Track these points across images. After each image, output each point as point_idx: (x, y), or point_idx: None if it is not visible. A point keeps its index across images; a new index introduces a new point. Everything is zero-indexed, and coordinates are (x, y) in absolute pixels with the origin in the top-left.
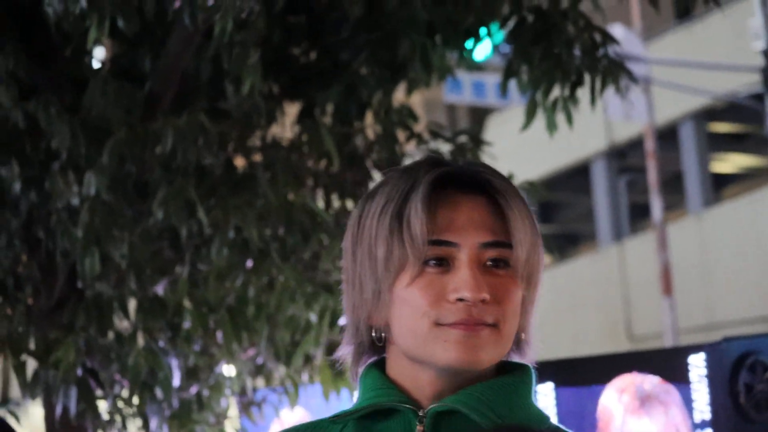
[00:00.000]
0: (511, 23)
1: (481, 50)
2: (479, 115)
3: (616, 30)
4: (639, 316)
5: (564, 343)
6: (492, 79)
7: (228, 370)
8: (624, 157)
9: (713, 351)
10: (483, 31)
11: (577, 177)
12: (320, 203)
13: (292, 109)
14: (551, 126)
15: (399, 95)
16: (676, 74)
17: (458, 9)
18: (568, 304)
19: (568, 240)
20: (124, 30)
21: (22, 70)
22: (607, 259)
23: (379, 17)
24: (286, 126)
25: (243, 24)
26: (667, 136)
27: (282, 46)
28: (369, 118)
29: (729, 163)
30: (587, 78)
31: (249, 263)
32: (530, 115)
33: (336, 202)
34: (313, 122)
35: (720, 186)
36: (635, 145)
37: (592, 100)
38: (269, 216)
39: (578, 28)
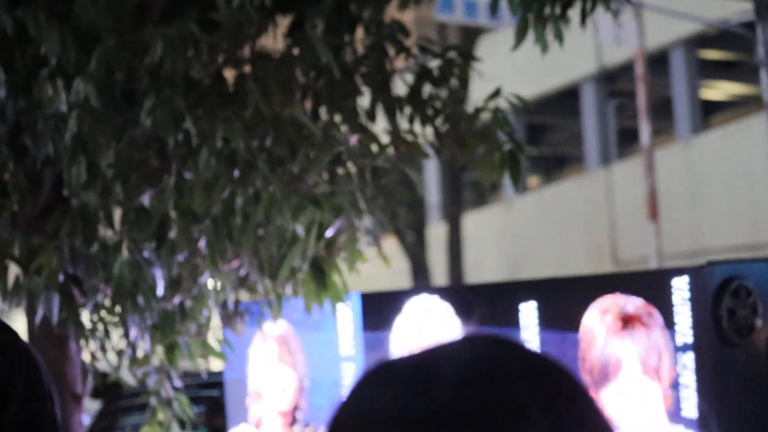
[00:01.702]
0: None
1: None
2: (471, 35)
3: None
4: (624, 240)
5: (549, 264)
6: None
7: (211, 282)
8: (613, 81)
9: (697, 274)
10: None
11: (566, 100)
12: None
13: (283, 22)
14: (541, 41)
15: (391, 12)
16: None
17: None
18: (555, 226)
19: (556, 162)
20: None
21: None
22: (594, 182)
23: None
24: (276, 38)
25: None
26: (658, 61)
27: None
28: (359, 33)
29: (719, 90)
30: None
31: (236, 174)
32: (520, 34)
33: (324, 115)
34: (303, 35)
35: (709, 113)
36: (625, 69)
37: (583, 20)
38: (257, 127)
39: None
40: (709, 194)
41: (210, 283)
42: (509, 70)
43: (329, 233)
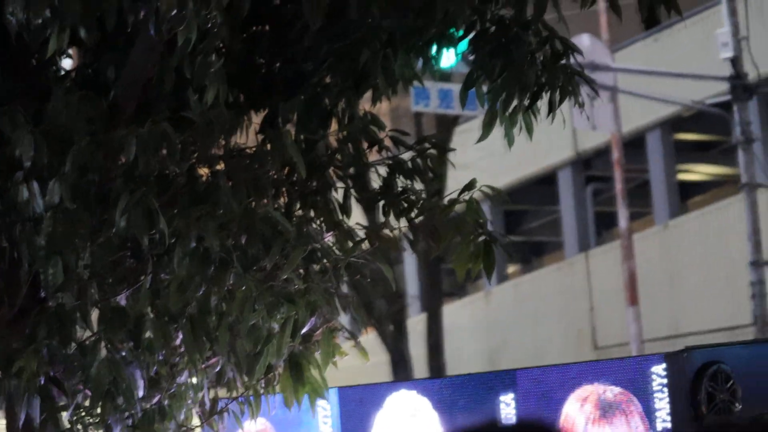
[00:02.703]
0: (473, 33)
1: (446, 59)
2: (447, 124)
3: (584, 40)
4: (604, 326)
5: (530, 353)
6: (459, 88)
7: (190, 380)
8: (590, 166)
9: (675, 361)
10: (446, 40)
11: (543, 186)
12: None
13: (256, 119)
14: (509, 138)
15: (367, 104)
16: (644, 83)
17: (421, 18)
18: (534, 314)
19: (535, 250)
20: (84, 40)
21: None
22: (573, 268)
23: (342, 27)
24: (249, 135)
25: (206, 34)
26: (634, 145)
27: (245, 56)
28: (333, 127)
29: (696, 172)
30: (547, 90)
31: (210, 272)
32: (488, 126)
33: (298, 212)
34: (276, 131)
35: (686, 195)
36: (602, 154)
37: (549, 112)
38: (231, 225)
39: (541, 38)
40: (689, 277)
41: (188, 380)
42: (486, 158)
43: (305, 329)
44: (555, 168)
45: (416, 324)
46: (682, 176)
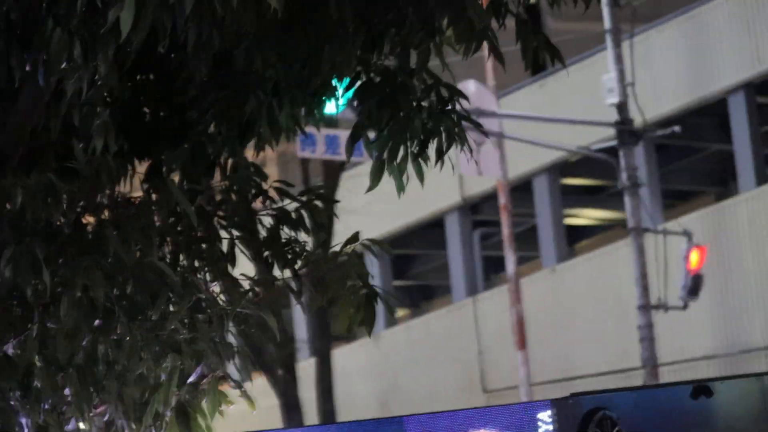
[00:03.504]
0: (358, 83)
1: (331, 106)
2: (335, 169)
3: (470, 86)
4: (494, 370)
5: (420, 396)
6: (345, 134)
7: (79, 428)
8: (478, 211)
9: (561, 407)
10: (331, 90)
11: (431, 231)
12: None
13: (140, 168)
14: (399, 187)
15: (253, 152)
16: (531, 129)
17: (306, 68)
18: (424, 358)
19: (423, 294)
20: None
21: None
22: (461, 312)
23: (227, 76)
24: (134, 184)
25: (92, 83)
26: (522, 189)
27: (131, 105)
28: (216, 176)
29: (583, 216)
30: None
31: (97, 322)
32: (376, 176)
33: (184, 261)
34: (161, 180)
35: (574, 239)
36: (489, 198)
37: (437, 160)
38: (118, 275)
39: (426, 86)
40: (577, 320)
41: (77, 428)
42: (375, 202)
43: (191, 378)
44: (443, 213)
45: (307, 368)
46: (570, 220)
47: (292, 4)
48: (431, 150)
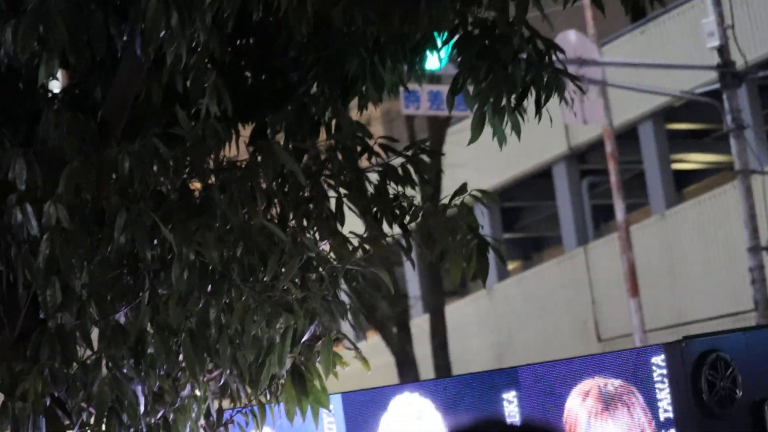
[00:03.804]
0: (457, 36)
1: (432, 62)
2: (440, 125)
3: (570, 36)
4: (607, 318)
5: (535, 347)
6: (448, 90)
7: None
8: (585, 160)
9: (674, 351)
10: (431, 44)
11: (539, 182)
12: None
13: (244, 132)
14: (500, 137)
15: (357, 111)
16: (633, 76)
17: (405, 24)
18: (538, 309)
19: (534, 245)
20: (74, 65)
21: None
22: (573, 262)
23: (327, 36)
24: (240, 148)
25: (194, 49)
26: (627, 137)
27: (232, 69)
28: (321, 136)
29: (690, 161)
30: (533, 89)
31: (209, 286)
32: (477, 128)
33: (292, 222)
34: (266, 143)
35: (682, 185)
36: (595, 147)
37: (537, 111)
38: (227, 238)
39: (524, 38)
40: (689, 266)
41: (192, 394)
42: (481, 156)
43: (305, 338)
44: (550, 163)
45: (420, 324)
46: (677, 166)
47: None
48: (530, 103)
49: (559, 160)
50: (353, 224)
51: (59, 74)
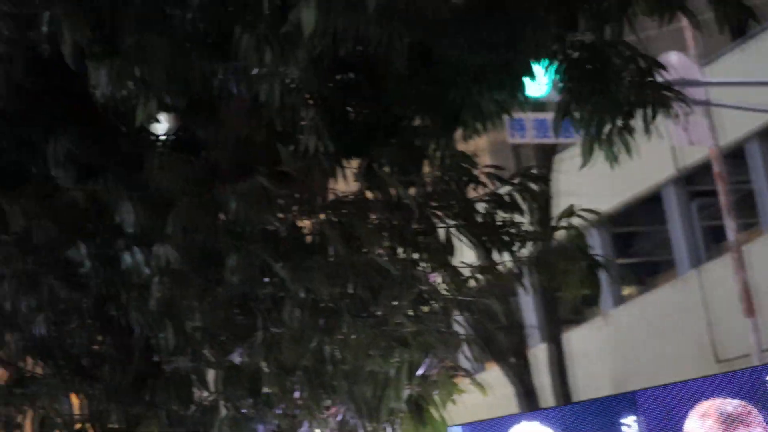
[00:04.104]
0: (557, 62)
1: (537, 88)
2: (547, 153)
3: (672, 58)
4: (725, 339)
5: (654, 372)
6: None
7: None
8: (693, 182)
9: None
10: (532, 71)
11: (649, 206)
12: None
13: (351, 167)
14: (610, 158)
15: (465, 143)
16: (737, 94)
17: (505, 52)
18: (655, 333)
19: (648, 270)
20: (172, 106)
21: (80, 151)
22: (687, 284)
23: (428, 67)
24: (346, 183)
25: (293, 87)
26: (735, 156)
27: (336, 105)
28: (427, 167)
29: None
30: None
31: (321, 322)
32: (587, 152)
33: (403, 255)
34: (374, 176)
35: None
36: (703, 168)
37: (646, 129)
38: (339, 274)
39: (625, 58)
40: None
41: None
42: (591, 182)
43: (421, 371)
44: (659, 187)
45: (539, 354)
46: None
47: None
48: (637, 122)
49: (668, 183)
50: (464, 254)
51: (160, 120)
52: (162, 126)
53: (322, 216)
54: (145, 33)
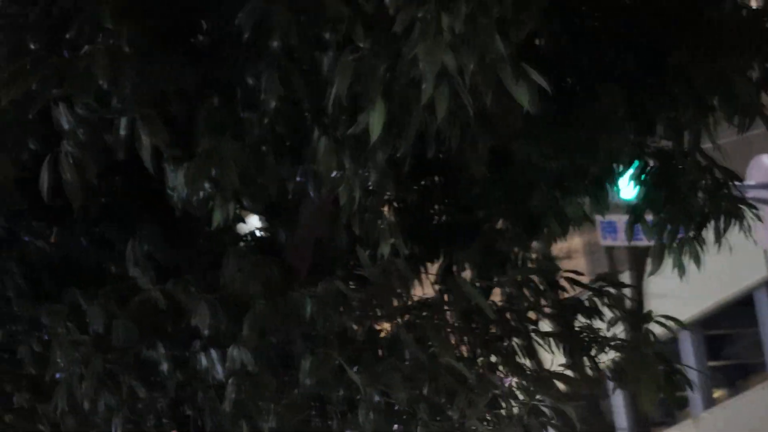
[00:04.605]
0: (634, 167)
1: (628, 192)
2: (639, 255)
3: (764, 160)
4: None
5: None
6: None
7: None
8: None
9: None
10: (612, 176)
11: (741, 309)
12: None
13: (432, 269)
14: (679, 266)
15: (559, 243)
16: None
17: (584, 158)
18: None
19: (739, 372)
20: (249, 209)
21: (158, 252)
22: None
23: (511, 171)
24: (424, 287)
25: (371, 190)
26: None
27: (414, 207)
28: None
29: None
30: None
31: (396, 426)
32: (657, 259)
33: (480, 359)
34: (453, 280)
35: None
36: None
37: (716, 240)
38: (415, 377)
39: (700, 168)
40: None
41: None
42: (683, 286)
43: None
44: (750, 290)
45: None
46: None
47: (560, 95)
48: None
49: (760, 286)
50: (543, 358)
51: (244, 219)
52: (245, 225)
53: (399, 320)
54: (221, 136)
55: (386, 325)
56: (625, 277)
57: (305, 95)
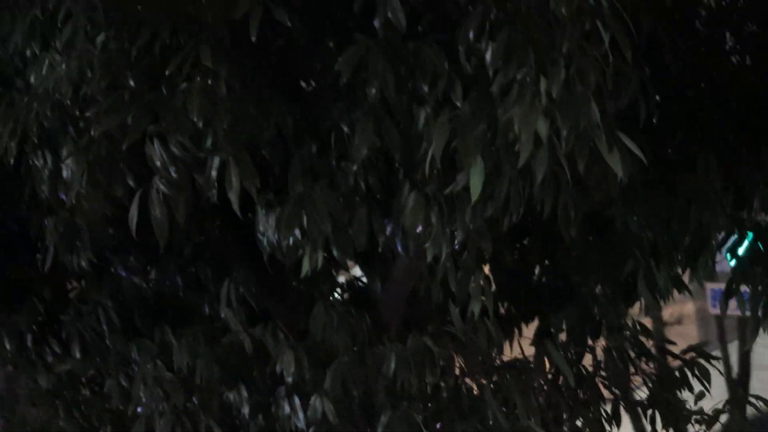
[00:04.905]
0: (732, 239)
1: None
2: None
3: None
4: None
5: None
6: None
7: None
8: None
9: None
10: (706, 248)
11: None
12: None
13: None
14: None
15: (671, 308)
16: None
17: (677, 228)
18: None
19: None
20: (337, 258)
21: (251, 296)
22: None
23: (609, 237)
24: (514, 348)
25: (463, 247)
26: None
27: (514, 268)
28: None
29: None
30: None
31: None
32: (753, 332)
33: (566, 423)
34: (547, 343)
35: None
36: None
37: None
38: None
39: None
40: None
41: None
42: None
43: None
44: None
45: None
46: None
47: (658, 163)
48: None
49: None
50: (627, 427)
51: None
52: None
53: (484, 380)
54: (314, 183)
55: (473, 385)
56: (733, 347)
57: (398, 148)
